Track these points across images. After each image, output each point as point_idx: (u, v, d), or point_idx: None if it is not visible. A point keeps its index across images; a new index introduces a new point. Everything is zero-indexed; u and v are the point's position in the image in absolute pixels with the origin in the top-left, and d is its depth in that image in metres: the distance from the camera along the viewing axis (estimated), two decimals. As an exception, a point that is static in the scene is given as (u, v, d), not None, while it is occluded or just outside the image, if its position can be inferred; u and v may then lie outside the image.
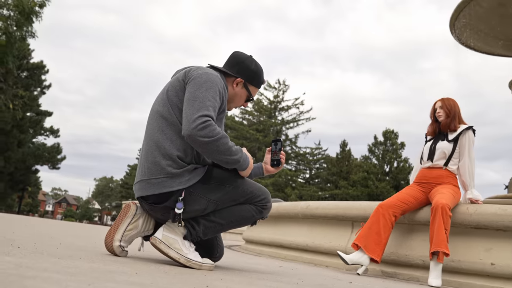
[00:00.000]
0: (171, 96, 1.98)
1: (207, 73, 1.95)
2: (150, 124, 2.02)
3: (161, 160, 1.90)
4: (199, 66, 2.07)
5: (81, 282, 1.00)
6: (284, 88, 33.88)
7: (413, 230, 3.43)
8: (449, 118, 3.27)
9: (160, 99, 2.04)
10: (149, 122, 2.05)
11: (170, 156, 1.90)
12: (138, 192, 1.97)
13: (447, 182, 3.23)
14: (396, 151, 31.65)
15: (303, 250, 4.38)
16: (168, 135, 1.93)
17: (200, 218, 1.97)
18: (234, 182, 2.00)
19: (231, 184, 1.99)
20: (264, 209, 2.07)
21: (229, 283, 1.39)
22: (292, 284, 1.66)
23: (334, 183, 32.95)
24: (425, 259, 3.21)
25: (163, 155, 1.90)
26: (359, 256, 3.14)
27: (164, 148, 1.91)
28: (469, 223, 3.09)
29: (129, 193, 43.64)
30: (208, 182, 1.95)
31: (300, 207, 4.55)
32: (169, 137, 1.93)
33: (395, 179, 30.55)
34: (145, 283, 1.12)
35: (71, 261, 1.46)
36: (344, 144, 34.21)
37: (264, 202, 2.06)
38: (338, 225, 4.10)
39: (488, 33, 7.06)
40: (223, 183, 1.98)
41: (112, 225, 2.00)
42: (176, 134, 1.93)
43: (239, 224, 2.05)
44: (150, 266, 1.64)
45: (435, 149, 3.27)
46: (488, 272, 2.96)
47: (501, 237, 3.01)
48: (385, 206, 3.23)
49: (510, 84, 6.85)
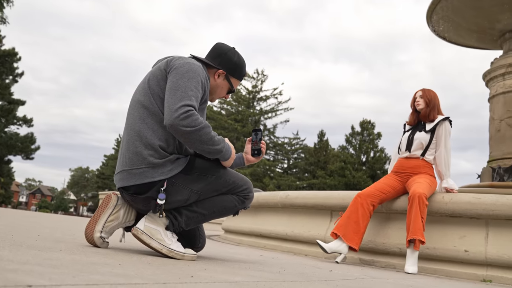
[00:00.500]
0: (152, 86, 1.95)
1: (189, 63, 1.93)
2: (131, 114, 1.99)
3: (143, 150, 1.88)
4: (181, 56, 2.04)
5: (64, 274, 0.98)
6: (262, 78, 33.82)
7: (390, 219, 3.50)
8: (428, 107, 3.33)
9: (141, 88, 2.01)
10: (130, 111, 2.01)
11: (152, 146, 1.88)
12: (119, 183, 1.94)
13: (423, 172, 3.31)
14: (373, 141, 32.11)
15: (282, 239, 4.41)
16: (149, 125, 1.91)
17: (182, 209, 1.97)
18: (217, 172, 2.00)
19: (213, 174, 1.99)
20: (246, 199, 2.08)
21: (213, 273, 1.40)
22: (274, 273, 1.68)
23: (311, 173, 33.26)
24: (402, 247, 3.28)
25: (144, 145, 1.88)
26: (338, 245, 3.19)
27: (145, 138, 1.89)
28: (444, 212, 3.17)
29: (106, 184, 43.06)
30: (190, 172, 1.94)
31: (280, 196, 4.58)
32: (150, 126, 1.90)
33: (371, 168, 31.04)
34: (130, 275, 1.11)
35: (52, 253, 1.43)
36: (322, 134, 34.49)
37: (246, 192, 2.06)
38: (317, 214, 4.15)
39: (463, 26, 7.21)
40: (205, 173, 1.97)
41: (92, 216, 1.97)
42: (157, 123, 1.90)
43: (221, 214, 2.05)
44: (133, 257, 1.63)
45: (413, 139, 3.33)
46: (462, 259, 3.05)
47: (474, 225, 3.10)
48: (363, 196, 3.28)
49: (484, 76, 7.02)
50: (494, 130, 6.71)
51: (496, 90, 6.72)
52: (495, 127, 6.70)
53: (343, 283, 1.59)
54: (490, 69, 6.85)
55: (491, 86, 6.91)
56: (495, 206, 2.98)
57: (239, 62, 2.16)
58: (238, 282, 1.21)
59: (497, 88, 6.72)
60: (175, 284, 1.02)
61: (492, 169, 6.41)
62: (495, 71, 6.75)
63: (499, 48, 7.23)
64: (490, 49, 7.69)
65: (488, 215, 3.02)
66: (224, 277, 1.30)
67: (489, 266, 2.96)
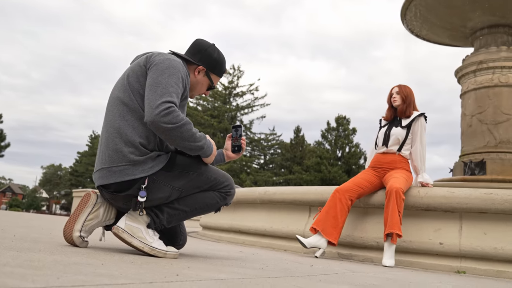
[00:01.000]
0: (132, 82, 1.92)
1: (169, 59, 1.91)
2: (110, 111, 1.95)
3: (123, 147, 1.85)
4: (161, 51, 2.02)
5: (47, 275, 0.96)
6: (239, 74, 33.74)
7: (368, 213, 3.56)
8: (404, 104, 3.39)
9: (120, 84, 1.98)
10: (109, 108, 1.98)
11: (132, 143, 1.85)
12: (98, 181, 1.91)
13: (400, 167, 3.37)
14: (348, 136, 32.52)
15: (261, 235, 4.43)
16: (129, 122, 1.88)
17: (163, 206, 1.95)
18: (198, 169, 1.99)
19: (194, 171, 1.98)
20: (228, 195, 2.07)
21: (197, 271, 1.39)
22: (257, 269, 1.68)
23: (288, 168, 33.45)
24: (379, 240, 3.35)
25: (124, 142, 1.85)
26: (317, 240, 3.22)
27: (125, 135, 1.86)
28: (420, 206, 3.25)
29: (79, 181, 42.20)
30: (171, 169, 1.92)
31: (258, 192, 4.59)
32: (130, 123, 1.88)
33: (347, 163, 31.44)
34: (114, 275, 1.10)
35: (32, 253, 1.40)
36: (298, 129, 34.71)
37: (228, 189, 2.06)
38: (296, 209, 4.18)
39: (436, 23, 7.36)
40: (186, 170, 1.96)
41: (71, 215, 1.93)
42: (138, 120, 1.88)
43: (203, 211, 2.04)
44: (115, 257, 1.61)
45: (390, 135, 3.39)
46: (437, 251, 3.14)
47: (449, 218, 3.19)
48: (341, 191, 3.32)
49: (456, 73, 7.19)
50: (465, 126, 6.90)
51: (468, 86, 6.90)
52: (466, 122, 6.89)
53: (326, 278, 1.60)
54: (462, 66, 7.02)
55: (462, 83, 7.09)
56: (468, 199, 3.07)
57: (219, 58, 2.15)
58: (224, 280, 1.21)
59: (468, 84, 6.90)
60: (162, 283, 1.01)
61: (464, 163, 6.59)
62: (466, 68, 6.93)
63: (471, 46, 7.42)
64: (462, 47, 7.89)
65: (462, 209, 3.11)
66: (209, 275, 1.29)
67: (463, 258, 3.05)
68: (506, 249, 2.90)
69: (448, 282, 2.03)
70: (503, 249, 2.91)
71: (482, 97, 6.72)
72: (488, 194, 3.02)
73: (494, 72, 6.64)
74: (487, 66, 6.65)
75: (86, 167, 41.29)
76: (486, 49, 6.80)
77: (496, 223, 3.02)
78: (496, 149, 6.48)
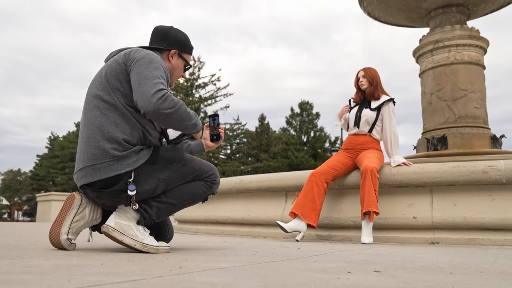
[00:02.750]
0: (110, 80, 1.90)
1: (149, 54, 1.92)
2: (89, 110, 1.93)
3: (105, 144, 1.83)
4: (138, 48, 2.01)
5: (57, 279, 0.96)
6: (199, 65, 33.36)
7: (343, 194, 3.66)
8: (372, 86, 3.49)
9: (98, 82, 1.95)
10: (87, 107, 1.95)
11: (115, 139, 1.84)
12: (82, 180, 1.88)
13: (371, 147, 3.48)
14: (312, 121, 32.98)
15: (240, 224, 4.48)
16: (111, 119, 1.86)
17: (152, 201, 1.95)
18: (182, 160, 2.00)
19: (178, 162, 1.99)
20: (214, 184, 2.09)
21: (196, 262, 1.41)
22: (251, 256, 1.72)
23: (255, 157, 33.62)
24: (356, 220, 3.46)
25: (107, 139, 1.84)
26: (297, 224, 3.29)
27: (108, 132, 1.85)
28: (392, 183, 3.38)
29: (41, 185, 40.78)
30: (155, 161, 1.92)
31: (234, 182, 4.62)
32: (112, 120, 1.86)
33: (313, 148, 31.93)
34: (120, 272, 1.10)
35: (26, 260, 1.37)
36: (262, 117, 34.86)
37: (213, 177, 2.08)
38: (272, 196, 4.24)
39: (392, 5, 7.55)
40: (170, 161, 1.97)
41: (56, 219, 1.89)
42: (120, 117, 1.87)
43: (191, 202, 2.05)
44: (109, 256, 1.60)
45: (361, 116, 3.49)
46: (411, 225, 3.28)
47: (420, 193, 3.34)
48: (317, 174, 3.41)
49: (414, 53, 7.42)
50: (426, 103, 7.15)
51: (426, 65, 7.14)
52: (426, 100, 7.14)
53: (318, 258, 1.66)
54: (419, 46, 7.25)
55: (421, 62, 7.33)
56: (438, 173, 3.22)
57: (184, 37, 2.19)
58: (227, 268, 1.24)
59: (426, 63, 7.14)
60: (171, 276, 1.03)
61: (426, 140, 6.85)
62: (424, 48, 7.16)
63: (426, 26, 7.66)
64: (419, 27, 8.12)
65: (432, 183, 3.25)
66: (210, 265, 1.32)
67: (436, 229, 3.21)
68: (475, 217, 3.07)
69: (428, 252, 2.14)
70: (472, 218, 3.08)
71: (440, 75, 6.96)
72: (455, 167, 3.18)
73: (450, 50, 6.89)
74: (443, 45, 6.89)
75: (47, 170, 39.93)
76: (441, 28, 7.04)
77: (464, 194, 3.19)
78: (455, 124, 6.75)
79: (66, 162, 39.03)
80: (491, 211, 3.05)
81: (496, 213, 3.03)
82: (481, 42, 6.77)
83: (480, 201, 3.12)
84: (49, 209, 14.28)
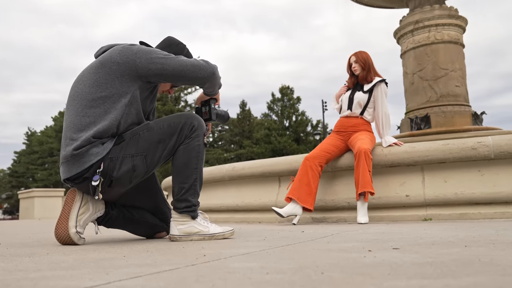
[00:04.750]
0: (102, 75, 1.90)
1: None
2: (72, 105, 1.93)
3: (73, 140, 1.87)
4: (138, 44, 2.03)
5: (94, 273, 0.97)
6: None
7: (336, 177, 3.73)
8: (364, 71, 3.53)
9: (86, 79, 1.95)
10: (70, 102, 1.95)
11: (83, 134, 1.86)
12: (62, 175, 1.91)
13: (363, 129, 3.54)
14: (293, 105, 33.10)
15: (233, 210, 4.52)
16: (88, 114, 1.87)
17: (182, 192, 1.93)
18: (145, 126, 1.94)
19: (143, 129, 1.92)
20: (195, 135, 1.96)
21: (217, 250, 1.44)
22: (261, 241, 1.76)
23: (238, 144, 33.64)
24: (350, 201, 3.54)
25: (76, 135, 1.87)
26: (292, 207, 3.34)
27: (78, 128, 1.88)
28: (385, 163, 3.45)
29: (21, 182, 40.00)
30: (121, 141, 1.89)
31: (226, 169, 4.65)
32: (90, 115, 1.88)
33: (295, 132, 32.12)
34: (149, 263, 1.12)
35: (45, 257, 1.38)
36: (244, 104, 34.81)
37: (190, 128, 1.95)
38: (266, 181, 4.29)
39: (371, -13, 7.58)
40: (135, 133, 1.91)
41: (60, 216, 1.89)
42: (103, 112, 1.87)
43: (200, 165, 1.98)
44: (125, 248, 1.62)
45: (353, 99, 3.54)
46: (404, 203, 3.37)
47: (412, 172, 3.43)
48: (311, 158, 3.46)
49: (395, 34, 7.50)
50: (408, 84, 7.27)
51: (407, 46, 7.23)
52: (409, 80, 7.25)
53: (329, 239, 1.71)
54: (400, 27, 7.33)
55: (402, 43, 7.42)
56: (428, 152, 3.31)
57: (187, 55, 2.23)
58: (249, 253, 1.27)
59: (407, 44, 7.23)
60: (203, 264, 1.06)
61: (410, 119, 6.98)
62: (404, 29, 7.24)
63: (406, 7, 7.74)
64: (398, 8, 8.20)
65: (423, 161, 3.34)
66: (231, 251, 1.35)
67: (428, 206, 3.31)
68: (465, 193, 3.18)
69: (428, 228, 2.22)
70: (463, 193, 3.18)
71: (421, 55, 7.07)
72: (445, 145, 3.27)
73: (430, 30, 6.99)
74: (423, 25, 6.98)
75: (26, 166, 39.15)
76: (420, 8, 7.12)
77: (454, 170, 3.29)
78: (437, 103, 6.89)
79: (45, 158, 38.32)
80: (481, 186, 3.16)
81: (486, 188, 3.14)
82: (460, 21, 6.88)
83: (470, 177, 3.22)
84: (32, 205, 14.06)
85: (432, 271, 0.81)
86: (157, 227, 2.19)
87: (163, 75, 1.91)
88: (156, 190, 2.21)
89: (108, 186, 1.85)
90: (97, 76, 1.90)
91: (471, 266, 0.86)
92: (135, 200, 2.13)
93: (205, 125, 1.99)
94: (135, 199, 2.13)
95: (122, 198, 2.07)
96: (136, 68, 1.88)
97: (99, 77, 1.89)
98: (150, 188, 2.16)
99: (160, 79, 1.93)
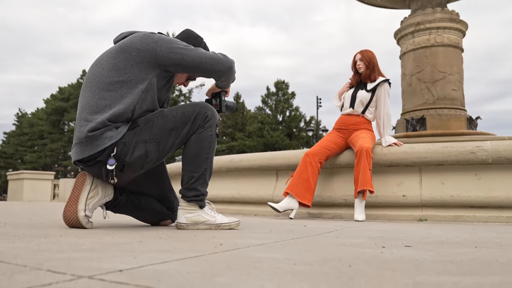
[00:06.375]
0: (121, 61, 1.91)
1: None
2: (89, 87, 1.94)
3: (92, 122, 1.86)
4: (157, 33, 2.03)
5: (119, 257, 0.99)
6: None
7: (334, 173, 3.77)
8: (368, 69, 3.57)
9: (105, 62, 1.94)
10: (87, 85, 1.95)
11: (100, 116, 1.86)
12: (74, 156, 1.92)
13: (363, 128, 3.58)
14: (288, 100, 33.12)
15: (229, 202, 4.54)
16: (105, 98, 1.88)
17: (192, 181, 1.95)
18: (160, 113, 1.95)
19: (157, 115, 1.94)
20: (208, 125, 1.98)
21: (230, 239, 1.46)
22: (268, 233, 1.79)
23: (230, 136, 33.61)
24: (347, 198, 3.58)
25: (92, 117, 1.87)
26: (288, 202, 3.38)
27: (95, 110, 1.88)
28: (383, 163, 3.50)
29: (9, 163, 39.58)
30: (135, 126, 1.90)
31: (223, 161, 4.66)
32: (107, 98, 1.88)
33: (288, 127, 32.17)
34: (170, 249, 1.14)
35: (60, 238, 1.39)
36: (238, 96, 34.74)
37: (204, 118, 1.96)
38: (263, 175, 4.31)
39: (374, -14, 7.60)
40: (149, 119, 1.93)
41: (69, 198, 1.90)
42: (119, 96, 1.88)
43: (211, 155, 2.00)
44: (137, 233, 1.64)
45: (356, 97, 3.57)
46: (401, 203, 3.42)
47: (410, 172, 3.48)
48: (311, 155, 3.49)
49: (395, 35, 7.54)
50: (406, 85, 7.32)
51: (407, 47, 7.28)
52: (406, 82, 7.31)
53: (336, 235, 1.75)
54: (401, 28, 7.37)
55: (402, 44, 7.46)
56: (427, 153, 3.36)
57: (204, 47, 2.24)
58: (264, 244, 1.30)
59: (407, 45, 7.28)
60: (225, 252, 1.08)
61: (406, 120, 7.05)
62: (405, 30, 7.28)
63: (408, 8, 7.78)
64: (400, 9, 8.24)
65: (422, 162, 3.39)
66: (244, 242, 1.37)
67: (424, 207, 3.37)
68: (461, 195, 3.24)
69: (430, 228, 2.26)
70: (459, 196, 3.24)
71: (420, 57, 7.12)
72: (445, 148, 3.32)
73: (431, 32, 7.04)
74: (424, 27, 7.03)
75: (16, 147, 38.73)
76: (422, 10, 7.17)
77: (452, 173, 3.34)
78: (434, 105, 6.96)
79: (35, 140, 37.96)
80: (477, 190, 3.22)
81: (482, 192, 3.20)
82: (460, 25, 6.94)
83: (467, 180, 3.28)
84: (21, 187, 13.95)
85: (456, 269, 0.84)
86: (163, 214, 2.21)
87: (182, 65, 1.92)
88: (164, 178, 2.22)
89: (120, 170, 1.86)
90: (116, 60, 1.90)
91: (491, 266, 0.90)
92: (143, 186, 2.14)
93: (218, 116, 2.01)
94: (143, 186, 2.14)
95: (130, 184, 2.08)
96: (156, 56, 1.89)
97: (118, 61, 1.89)
98: (158, 175, 2.18)
99: (179, 69, 1.94)
